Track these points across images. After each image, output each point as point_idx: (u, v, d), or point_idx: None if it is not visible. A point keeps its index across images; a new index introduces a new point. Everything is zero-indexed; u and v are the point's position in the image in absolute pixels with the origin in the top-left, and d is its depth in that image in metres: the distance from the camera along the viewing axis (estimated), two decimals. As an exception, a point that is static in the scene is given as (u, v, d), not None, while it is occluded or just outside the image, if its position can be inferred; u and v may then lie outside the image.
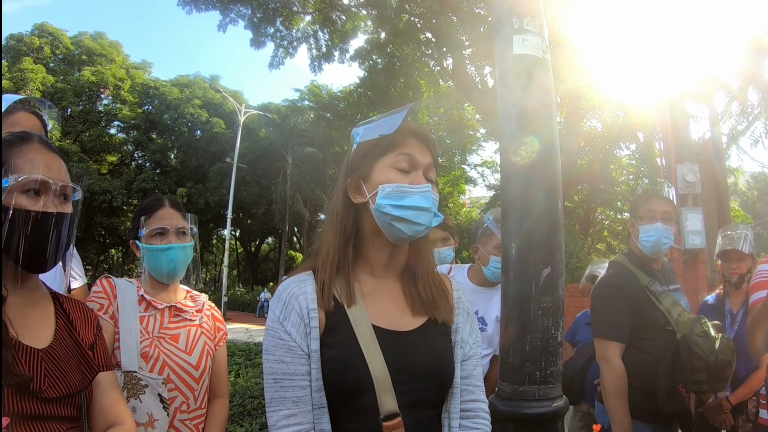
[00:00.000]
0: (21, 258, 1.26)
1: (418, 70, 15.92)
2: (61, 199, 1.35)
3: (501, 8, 2.09)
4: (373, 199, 1.33)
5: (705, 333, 2.60)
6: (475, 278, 3.30)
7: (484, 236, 3.25)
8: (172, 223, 2.18)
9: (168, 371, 2.02)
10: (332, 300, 1.32)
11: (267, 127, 37.47)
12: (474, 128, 23.66)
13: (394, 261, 1.41)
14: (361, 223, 1.39)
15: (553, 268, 1.77)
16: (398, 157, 1.35)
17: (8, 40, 33.62)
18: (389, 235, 1.35)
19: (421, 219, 1.32)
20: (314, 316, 1.28)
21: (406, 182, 1.33)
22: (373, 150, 1.37)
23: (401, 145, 1.35)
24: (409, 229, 1.32)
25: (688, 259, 5.80)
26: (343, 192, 1.41)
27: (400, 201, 1.31)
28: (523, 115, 1.93)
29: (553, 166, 1.92)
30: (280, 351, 1.27)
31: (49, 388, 1.26)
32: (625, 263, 2.90)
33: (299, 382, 1.25)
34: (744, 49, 9.08)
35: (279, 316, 1.30)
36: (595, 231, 24.41)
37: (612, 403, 2.65)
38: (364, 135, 1.40)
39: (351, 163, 1.42)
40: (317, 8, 15.24)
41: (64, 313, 1.44)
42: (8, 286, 1.26)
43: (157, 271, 2.16)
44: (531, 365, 1.74)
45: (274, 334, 1.30)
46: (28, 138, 1.36)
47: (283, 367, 1.26)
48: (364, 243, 1.39)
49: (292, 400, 1.24)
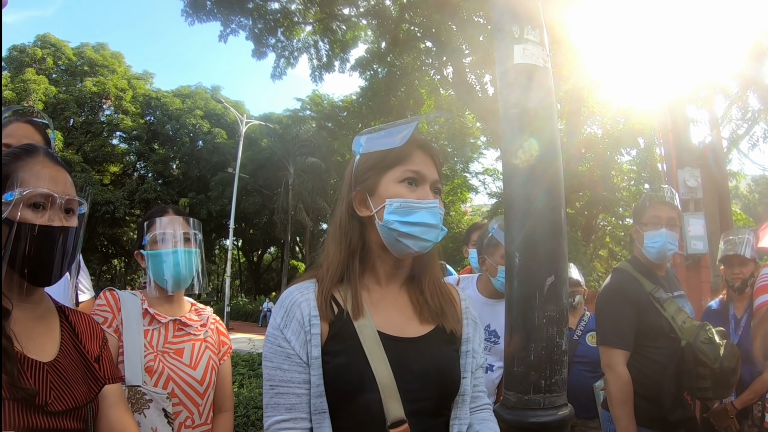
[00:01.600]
0: (26, 271, 1.27)
1: (419, 78, 16.00)
2: (66, 212, 1.36)
3: (501, 17, 2.09)
4: (380, 214, 1.33)
5: (710, 340, 2.59)
6: (485, 290, 3.21)
7: (490, 246, 3.16)
8: (175, 228, 2.16)
9: (172, 386, 2.00)
10: (336, 308, 1.32)
11: (269, 137, 37.57)
12: (475, 136, 23.71)
13: (399, 272, 1.42)
14: (366, 236, 1.39)
15: (556, 276, 1.76)
16: (406, 172, 1.34)
17: (11, 51, 33.85)
18: (395, 251, 1.35)
19: (429, 235, 1.32)
20: (316, 323, 1.28)
21: (414, 197, 1.33)
22: (379, 163, 1.36)
23: (409, 159, 1.35)
24: (416, 245, 1.32)
25: (690, 264, 5.79)
26: (347, 204, 1.40)
27: (407, 217, 1.31)
28: (524, 116, 1.94)
29: (554, 166, 1.92)
30: (279, 358, 1.28)
31: (55, 402, 1.26)
32: (629, 270, 2.90)
33: (295, 390, 1.25)
34: (743, 53, 9.10)
35: (280, 323, 1.30)
36: (597, 237, 24.37)
37: (618, 411, 2.64)
38: (367, 145, 1.40)
39: (356, 174, 1.41)
40: (318, 18, 15.35)
41: (69, 326, 1.45)
42: (13, 300, 1.27)
43: (161, 277, 2.13)
44: (535, 374, 1.74)
45: (273, 341, 1.30)
46: (33, 151, 1.37)
47: (280, 374, 1.27)
48: (370, 255, 1.39)
49: (286, 407, 1.25)
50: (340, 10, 15.10)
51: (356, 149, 1.42)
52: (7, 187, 1.29)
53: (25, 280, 1.28)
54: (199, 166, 37.83)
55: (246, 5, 14.26)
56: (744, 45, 8.83)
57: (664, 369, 2.64)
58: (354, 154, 1.44)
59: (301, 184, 33.16)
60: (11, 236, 1.24)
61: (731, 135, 12.79)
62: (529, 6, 2.06)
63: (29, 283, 1.30)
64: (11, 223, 1.25)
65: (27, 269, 1.27)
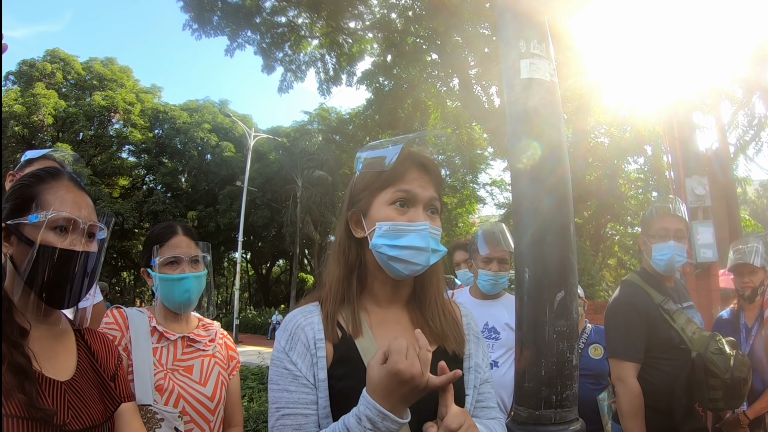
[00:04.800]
0: (44, 293, 1.29)
1: (425, 91, 16.02)
2: (88, 237, 1.37)
3: (507, 31, 2.11)
4: (371, 236, 1.33)
5: (720, 350, 2.59)
6: (476, 293, 3.39)
7: (473, 251, 3.35)
8: (185, 252, 2.16)
9: (183, 404, 2.00)
10: (339, 331, 1.32)
11: (276, 150, 37.69)
12: (482, 147, 23.70)
13: (398, 293, 1.41)
14: (363, 256, 1.39)
15: (566, 291, 1.77)
16: (397, 193, 1.32)
17: (21, 66, 34.20)
18: (388, 272, 1.35)
19: (418, 259, 1.30)
20: (321, 347, 1.28)
21: (404, 220, 1.31)
22: (372, 184, 1.36)
23: (401, 179, 1.33)
24: (406, 269, 1.31)
25: (700, 273, 5.76)
26: (345, 224, 1.41)
27: (395, 240, 1.29)
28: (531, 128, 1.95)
29: (562, 179, 1.93)
30: (285, 380, 1.27)
31: (73, 421, 1.27)
32: (638, 282, 2.89)
33: (302, 411, 1.24)
34: (747, 59, 9.10)
35: (285, 346, 1.30)
36: (606, 246, 24.22)
37: (629, 424, 2.62)
38: (366, 161, 1.39)
39: (352, 194, 1.42)
40: (324, 32, 15.44)
41: (85, 345, 1.46)
42: (31, 320, 1.28)
43: (171, 301, 2.14)
44: (546, 389, 1.74)
45: (279, 364, 1.30)
46: (58, 174, 1.39)
47: (287, 396, 1.26)
48: (368, 276, 1.39)
49: (293, 427, 1.24)
50: (347, 23, 15.19)
51: (357, 168, 1.42)
52: (32, 209, 1.31)
53: (43, 302, 1.30)
54: (208, 180, 37.93)
55: (253, 19, 14.36)
56: (748, 50, 8.83)
57: (675, 380, 2.63)
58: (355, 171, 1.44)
59: (309, 197, 33.21)
60: (32, 257, 1.26)
61: (738, 141, 12.75)
62: (534, 20, 2.07)
63: (47, 305, 1.32)
64: (33, 244, 1.27)
65: (46, 291, 1.28)
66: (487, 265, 3.24)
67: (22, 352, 1.21)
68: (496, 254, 3.22)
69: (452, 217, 29.97)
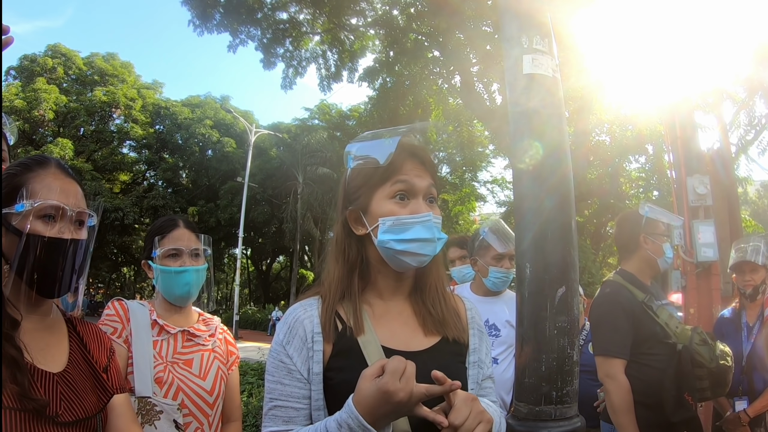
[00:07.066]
0: (35, 283, 1.27)
1: (427, 88, 15.98)
2: (77, 225, 1.36)
3: (509, 27, 2.09)
4: (375, 232, 1.33)
5: (704, 341, 2.68)
6: (479, 290, 3.38)
7: (481, 248, 3.31)
8: (186, 245, 2.17)
9: (182, 397, 2.00)
10: (339, 324, 1.33)
11: (278, 146, 37.76)
12: (483, 145, 23.68)
13: (402, 284, 1.42)
14: (365, 252, 1.39)
15: (567, 287, 1.76)
16: (395, 186, 1.33)
17: (22, 61, 34.27)
18: (395, 266, 1.35)
19: (425, 249, 1.32)
20: (318, 340, 1.30)
21: (406, 213, 1.32)
22: (369, 180, 1.36)
23: (398, 172, 1.34)
24: (414, 260, 1.32)
25: (701, 272, 5.74)
26: (343, 223, 1.40)
27: (401, 235, 1.30)
28: (533, 125, 1.94)
29: (564, 175, 1.92)
30: (280, 373, 1.30)
31: (66, 412, 1.26)
32: (620, 281, 2.94)
33: (293, 404, 1.27)
34: (749, 58, 9.08)
35: (282, 339, 1.32)
36: (606, 245, 24.25)
37: (621, 419, 2.65)
38: (357, 155, 1.38)
39: (347, 192, 1.41)
40: (326, 29, 15.41)
41: (77, 336, 1.45)
42: (22, 311, 1.27)
43: (171, 294, 2.15)
44: (547, 385, 1.73)
45: (276, 357, 1.32)
46: (45, 162, 1.37)
47: (281, 389, 1.29)
48: (371, 271, 1.40)
49: (283, 419, 1.27)
50: (348, 20, 15.14)
51: (347, 163, 1.41)
52: (18, 198, 1.29)
53: (34, 291, 1.28)
54: (209, 175, 38.00)
55: (254, 15, 14.32)
56: (751, 50, 8.81)
57: (663, 374, 2.70)
58: (346, 166, 1.43)
59: (309, 193, 33.22)
60: (20, 247, 1.24)
61: (739, 141, 12.72)
62: (537, 16, 2.06)
63: (38, 295, 1.30)
64: (21, 234, 1.25)
65: (36, 280, 1.27)
66: (499, 262, 3.23)
67: (13, 344, 1.20)
68: (509, 251, 3.23)
69: (452, 215, 29.95)
